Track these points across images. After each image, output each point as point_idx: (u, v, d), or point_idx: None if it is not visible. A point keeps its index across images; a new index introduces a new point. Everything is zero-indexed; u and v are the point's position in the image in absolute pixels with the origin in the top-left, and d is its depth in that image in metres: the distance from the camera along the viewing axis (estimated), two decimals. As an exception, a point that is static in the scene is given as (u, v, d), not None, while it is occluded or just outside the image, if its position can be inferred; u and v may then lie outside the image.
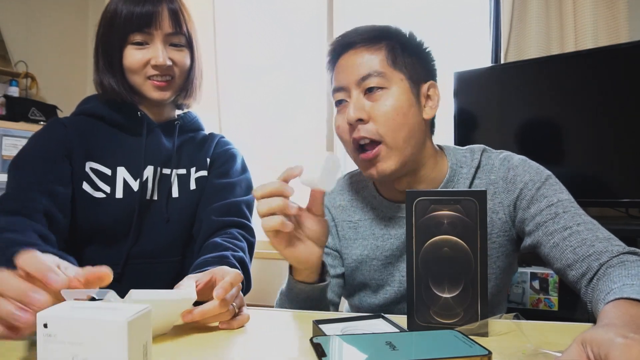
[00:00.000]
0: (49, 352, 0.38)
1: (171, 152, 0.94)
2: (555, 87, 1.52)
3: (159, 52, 0.86)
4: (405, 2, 2.18)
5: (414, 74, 0.77)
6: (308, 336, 0.57)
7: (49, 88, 2.49)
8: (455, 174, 0.81)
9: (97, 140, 0.90)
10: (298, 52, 2.38)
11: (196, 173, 0.96)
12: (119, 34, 0.87)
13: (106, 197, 0.88)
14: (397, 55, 0.76)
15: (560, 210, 0.73)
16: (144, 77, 0.89)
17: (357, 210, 0.88)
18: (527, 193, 0.77)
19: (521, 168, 0.79)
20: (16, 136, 1.94)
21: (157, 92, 0.89)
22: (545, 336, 0.57)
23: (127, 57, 0.88)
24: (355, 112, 0.74)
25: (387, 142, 0.74)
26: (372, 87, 0.74)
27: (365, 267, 0.85)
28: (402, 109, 0.74)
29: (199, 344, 0.57)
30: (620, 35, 1.60)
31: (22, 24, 2.39)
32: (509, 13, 1.75)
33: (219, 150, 1.01)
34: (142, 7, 0.85)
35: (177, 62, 0.90)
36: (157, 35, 0.87)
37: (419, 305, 0.59)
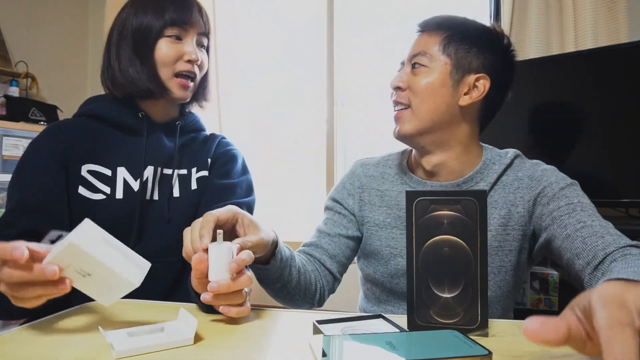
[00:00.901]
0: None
1: (172, 152, 0.94)
2: (555, 87, 1.52)
3: (194, 48, 0.89)
4: (406, 2, 2.18)
5: (463, 63, 0.84)
6: (308, 336, 0.58)
7: (49, 88, 2.49)
8: (486, 168, 0.87)
9: (97, 141, 0.90)
10: (298, 52, 2.38)
11: (197, 173, 0.96)
12: (158, 25, 0.87)
13: (106, 198, 0.88)
14: (451, 43, 0.85)
15: (578, 209, 0.77)
16: (172, 72, 0.89)
17: (386, 181, 0.95)
18: (549, 191, 0.81)
19: (550, 171, 0.85)
20: (16, 136, 1.94)
21: (182, 91, 0.91)
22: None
23: (162, 48, 0.88)
24: (396, 81, 0.88)
25: (413, 108, 0.85)
26: (416, 62, 0.86)
27: (384, 234, 0.91)
28: (434, 86, 0.84)
29: (198, 343, 0.57)
30: (620, 35, 1.61)
31: (22, 24, 2.39)
32: (509, 13, 1.75)
33: (220, 151, 1.01)
34: (182, 3, 0.88)
35: (202, 63, 0.93)
36: (191, 33, 0.89)
37: (419, 305, 0.59)
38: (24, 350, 0.55)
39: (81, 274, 0.54)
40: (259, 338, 0.60)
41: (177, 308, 0.64)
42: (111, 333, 0.56)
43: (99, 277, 0.55)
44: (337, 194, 0.99)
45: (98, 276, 0.55)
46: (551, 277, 1.42)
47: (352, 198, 0.97)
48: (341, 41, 2.26)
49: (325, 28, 2.23)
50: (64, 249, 0.52)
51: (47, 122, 2.15)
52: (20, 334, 0.60)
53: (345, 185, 0.99)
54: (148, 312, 0.71)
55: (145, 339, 0.56)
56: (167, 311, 0.72)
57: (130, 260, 0.58)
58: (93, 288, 0.57)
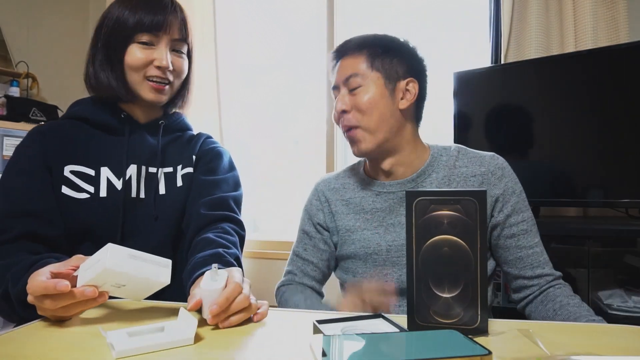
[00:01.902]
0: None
1: (155, 150, 0.95)
2: (555, 88, 1.52)
3: (164, 55, 0.90)
4: (405, 2, 2.18)
5: (391, 73, 0.92)
6: (308, 336, 0.58)
7: (49, 88, 2.49)
8: (435, 160, 0.96)
9: (80, 142, 0.92)
10: (298, 52, 2.38)
11: (182, 170, 0.98)
12: (127, 31, 0.88)
13: (90, 197, 0.89)
14: (375, 59, 0.93)
15: (528, 228, 0.91)
16: (142, 76, 0.91)
17: (349, 190, 1.03)
18: (509, 199, 0.91)
19: (507, 170, 0.94)
20: (17, 136, 1.94)
21: (154, 94, 0.92)
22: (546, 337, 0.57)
23: (131, 54, 0.89)
24: (339, 105, 0.94)
25: (363, 126, 0.92)
26: (353, 86, 0.92)
27: (357, 237, 0.98)
28: (375, 100, 0.91)
29: (198, 343, 0.57)
30: (620, 35, 1.61)
31: (23, 25, 2.39)
32: (509, 13, 1.75)
33: (205, 148, 1.03)
34: (154, 16, 0.89)
35: (177, 68, 0.94)
36: (164, 39, 0.90)
37: (419, 305, 0.59)
38: (24, 350, 0.55)
39: (116, 286, 0.63)
40: (259, 338, 0.60)
41: (177, 308, 0.64)
42: (111, 333, 0.56)
43: (132, 285, 0.64)
44: (308, 213, 1.07)
45: (132, 284, 0.64)
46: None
47: (322, 212, 1.04)
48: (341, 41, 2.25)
49: (325, 28, 2.23)
50: (100, 272, 0.60)
51: (48, 122, 2.15)
52: (20, 335, 0.60)
53: (312, 202, 1.07)
54: (148, 312, 0.71)
55: (145, 338, 0.56)
56: (167, 311, 0.72)
57: (155, 264, 0.65)
58: (128, 293, 0.66)
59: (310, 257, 1.03)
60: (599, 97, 1.44)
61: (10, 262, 0.74)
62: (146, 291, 0.67)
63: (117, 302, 0.78)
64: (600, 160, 1.45)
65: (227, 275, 0.65)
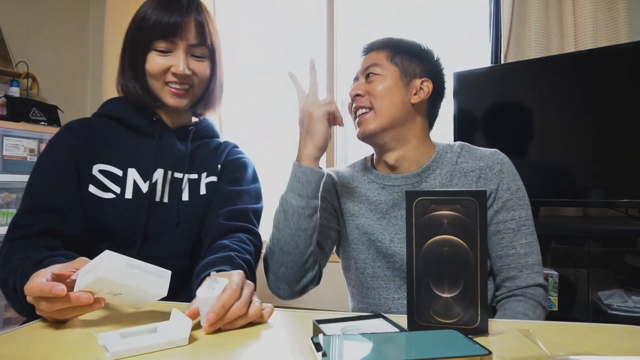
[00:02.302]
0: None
1: (184, 156, 0.96)
2: (555, 88, 1.52)
3: (180, 61, 0.89)
4: (405, 2, 2.18)
5: (408, 70, 0.98)
6: (308, 336, 0.58)
7: (49, 88, 2.49)
8: (440, 157, 0.99)
9: (110, 141, 0.93)
10: (298, 52, 2.38)
11: (206, 178, 0.98)
12: (145, 39, 0.90)
13: (116, 198, 0.89)
14: (395, 55, 0.99)
15: (523, 228, 0.91)
16: (162, 82, 0.92)
17: (355, 181, 1.05)
18: (502, 195, 0.92)
19: (507, 166, 0.95)
20: (17, 136, 1.94)
21: (174, 99, 0.93)
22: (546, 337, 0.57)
23: (149, 62, 0.90)
24: (354, 90, 1.00)
25: (375, 109, 0.96)
26: (369, 73, 0.99)
27: (360, 221, 1.00)
28: (390, 87, 0.97)
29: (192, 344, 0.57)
30: (620, 35, 1.61)
31: (23, 25, 2.39)
32: (508, 13, 1.75)
33: (230, 158, 1.03)
34: (170, 17, 0.88)
35: (197, 72, 0.93)
36: (181, 45, 0.90)
37: (419, 305, 0.59)
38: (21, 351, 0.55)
39: (112, 294, 0.62)
40: (256, 338, 0.60)
41: (169, 308, 0.63)
42: (104, 335, 0.56)
43: (129, 294, 0.63)
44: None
45: (128, 294, 0.62)
46: (551, 277, 1.42)
47: (332, 190, 1.06)
48: (341, 41, 2.26)
49: (325, 28, 2.23)
50: (94, 280, 0.58)
51: (48, 123, 2.15)
52: (14, 337, 0.60)
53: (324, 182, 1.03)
54: (140, 313, 0.71)
55: (139, 339, 0.55)
56: (160, 312, 0.71)
57: (153, 274, 0.63)
58: (125, 301, 0.65)
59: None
60: (599, 97, 1.44)
61: (24, 256, 0.74)
62: (143, 301, 0.66)
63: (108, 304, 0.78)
64: (600, 160, 1.45)
65: (227, 282, 0.64)
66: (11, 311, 1.96)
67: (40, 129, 2.05)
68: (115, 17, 2.48)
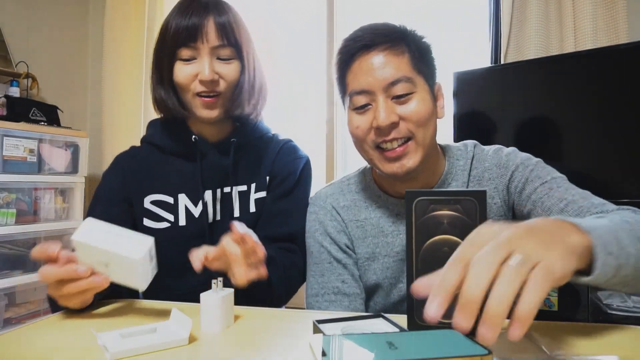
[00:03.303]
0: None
1: (228, 170, 0.92)
2: (555, 88, 1.52)
3: (205, 66, 0.84)
4: (405, 2, 2.18)
5: (429, 77, 0.79)
6: (306, 336, 0.58)
7: (49, 88, 2.49)
8: (453, 167, 0.85)
9: (158, 169, 0.92)
10: (298, 52, 2.38)
11: (256, 193, 0.94)
12: (168, 49, 0.86)
13: (170, 226, 0.90)
14: (416, 58, 0.77)
15: (554, 186, 0.75)
16: (192, 93, 0.87)
17: (362, 209, 0.87)
18: (520, 175, 0.80)
19: (513, 154, 0.84)
20: (17, 136, 1.94)
21: (206, 110, 0.87)
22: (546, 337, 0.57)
23: (176, 73, 0.87)
24: (388, 116, 0.74)
25: (417, 139, 0.76)
26: (402, 93, 0.74)
27: (378, 265, 0.84)
28: (429, 110, 0.77)
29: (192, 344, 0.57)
30: (620, 35, 1.61)
31: (23, 25, 2.39)
32: (508, 13, 1.75)
33: (279, 164, 0.97)
34: (189, 20, 0.84)
35: (224, 76, 0.87)
36: (204, 49, 0.85)
37: (419, 305, 0.59)
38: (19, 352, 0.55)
39: (103, 264, 0.62)
40: (255, 338, 0.60)
41: (169, 308, 0.63)
42: (104, 335, 0.56)
43: (115, 264, 0.62)
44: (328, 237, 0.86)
45: (114, 263, 0.62)
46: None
47: (344, 234, 0.86)
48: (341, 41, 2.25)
49: (325, 28, 2.23)
50: (75, 247, 0.61)
51: (48, 123, 2.15)
52: (14, 337, 0.60)
53: (327, 224, 0.87)
54: (140, 313, 0.71)
55: (139, 339, 0.55)
56: (159, 311, 0.71)
57: (134, 240, 0.63)
58: (120, 276, 0.64)
59: (354, 289, 0.83)
60: (599, 97, 1.44)
61: None
62: (133, 273, 0.62)
63: (108, 302, 0.78)
64: (600, 160, 1.45)
65: (231, 290, 0.64)
66: (11, 311, 1.96)
67: (40, 129, 2.05)
68: (115, 17, 2.48)
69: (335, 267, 0.84)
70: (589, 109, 1.46)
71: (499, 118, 1.63)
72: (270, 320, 0.67)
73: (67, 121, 2.34)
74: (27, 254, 2.01)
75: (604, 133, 1.43)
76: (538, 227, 0.44)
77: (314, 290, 0.84)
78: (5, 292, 1.91)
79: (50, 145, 2.09)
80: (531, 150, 0.89)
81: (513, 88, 1.60)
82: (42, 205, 2.07)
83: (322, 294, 0.82)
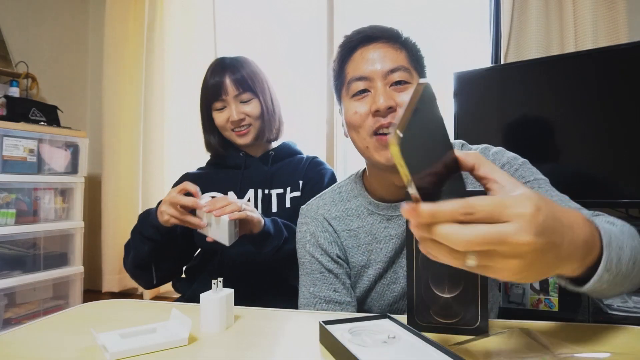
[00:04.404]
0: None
1: (267, 174, 1.18)
2: (555, 88, 1.52)
3: (233, 112, 1.13)
4: (405, 2, 2.18)
5: (422, 76, 0.83)
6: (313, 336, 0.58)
7: (49, 89, 2.49)
8: None
9: (215, 180, 1.19)
10: (298, 52, 2.38)
11: (291, 193, 1.16)
12: (206, 103, 1.17)
13: None
14: (412, 57, 0.82)
15: (535, 186, 0.76)
16: (230, 130, 1.16)
17: (354, 218, 0.89)
18: None
19: (500, 154, 0.82)
20: (17, 137, 1.93)
21: (240, 138, 1.16)
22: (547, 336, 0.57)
23: (215, 119, 1.17)
24: (387, 100, 0.76)
25: None
26: (399, 80, 0.78)
27: (372, 272, 0.85)
28: None
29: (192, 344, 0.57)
30: (620, 35, 1.61)
31: (22, 25, 2.39)
32: (509, 13, 1.75)
33: (310, 173, 1.20)
34: (214, 80, 1.13)
35: (248, 113, 1.15)
36: (229, 99, 1.14)
37: (419, 306, 0.59)
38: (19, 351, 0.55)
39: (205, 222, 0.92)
40: (255, 338, 0.60)
41: (169, 308, 0.63)
42: (103, 335, 0.55)
43: (213, 222, 0.89)
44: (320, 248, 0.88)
45: (213, 222, 0.89)
46: (551, 278, 1.42)
47: (336, 245, 0.88)
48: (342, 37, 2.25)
49: (325, 28, 2.23)
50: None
51: (47, 123, 2.15)
52: (13, 337, 0.60)
53: (319, 235, 0.89)
54: (140, 313, 0.71)
55: (138, 340, 0.55)
56: (159, 312, 0.71)
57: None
58: (215, 233, 0.90)
59: (345, 298, 0.85)
60: (599, 97, 1.44)
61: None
62: (223, 230, 0.88)
63: (108, 302, 0.78)
64: (600, 160, 1.45)
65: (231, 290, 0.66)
66: (11, 311, 1.96)
67: (40, 129, 2.05)
68: (115, 17, 2.48)
69: (327, 276, 0.86)
70: (589, 109, 1.46)
71: (499, 118, 1.63)
72: (270, 320, 0.67)
73: (67, 121, 2.34)
74: (27, 254, 2.01)
75: (605, 133, 1.43)
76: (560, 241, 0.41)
77: (305, 299, 0.86)
78: (5, 292, 1.91)
79: (50, 145, 2.08)
80: (531, 150, 0.89)
81: (513, 88, 1.60)
82: (42, 206, 2.07)
83: (314, 303, 0.84)
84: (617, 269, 0.50)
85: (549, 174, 0.82)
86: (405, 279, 0.82)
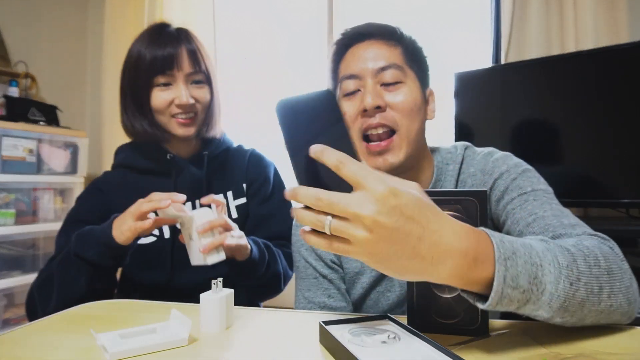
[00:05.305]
0: None
1: (200, 181, 0.99)
2: (556, 88, 1.52)
3: (182, 92, 0.92)
4: (405, 2, 2.18)
5: (421, 76, 0.79)
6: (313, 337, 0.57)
7: (48, 88, 2.48)
8: (442, 172, 0.82)
9: (136, 189, 0.93)
10: (298, 52, 2.38)
11: (235, 200, 1.02)
12: (145, 77, 0.92)
13: (157, 240, 0.95)
14: (409, 54, 0.78)
15: (530, 198, 0.72)
16: (169, 115, 0.94)
17: None
18: (501, 183, 0.76)
19: (501, 161, 0.79)
20: (16, 136, 1.93)
21: (182, 128, 0.95)
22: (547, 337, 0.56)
23: (154, 98, 0.93)
24: (374, 99, 0.73)
25: (402, 132, 0.75)
26: (391, 80, 0.75)
27: (366, 279, 0.83)
28: (417, 103, 0.76)
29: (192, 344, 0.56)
30: (621, 35, 1.61)
31: (22, 24, 2.38)
32: (509, 13, 1.75)
33: (253, 172, 1.05)
34: (164, 50, 0.91)
35: (199, 99, 0.96)
36: (179, 76, 0.93)
37: (419, 306, 0.59)
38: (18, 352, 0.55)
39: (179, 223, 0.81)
40: (255, 338, 0.59)
41: (169, 308, 0.63)
42: (103, 335, 0.55)
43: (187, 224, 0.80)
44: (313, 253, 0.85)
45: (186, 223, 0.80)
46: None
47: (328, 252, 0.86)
48: (341, 41, 2.25)
49: (325, 28, 2.23)
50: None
51: (47, 123, 2.14)
52: (13, 337, 0.60)
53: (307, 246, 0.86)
54: (139, 313, 0.71)
55: (138, 340, 0.55)
56: (159, 312, 0.71)
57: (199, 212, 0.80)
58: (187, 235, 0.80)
59: (340, 303, 0.83)
60: (600, 97, 1.44)
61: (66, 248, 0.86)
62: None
63: (107, 302, 0.77)
64: (600, 160, 1.45)
65: (231, 290, 0.65)
66: (11, 311, 1.95)
67: (39, 129, 2.05)
68: (113, 17, 2.48)
69: (322, 282, 0.84)
70: (589, 108, 1.46)
71: (499, 118, 1.63)
72: (270, 320, 0.67)
73: (67, 121, 2.34)
74: (27, 255, 2.01)
75: (605, 133, 1.43)
76: (419, 235, 0.42)
77: (300, 304, 0.85)
78: (5, 292, 1.90)
79: (49, 145, 2.08)
80: (531, 150, 0.88)
81: (514, 88, 1.60)
82: (41, 206, 2.06)
83: (308, 308, 0.83)
84: (539, 288, 0.47)
85: (549, 174, 0.82)
86: (400, 288, 0.81)
